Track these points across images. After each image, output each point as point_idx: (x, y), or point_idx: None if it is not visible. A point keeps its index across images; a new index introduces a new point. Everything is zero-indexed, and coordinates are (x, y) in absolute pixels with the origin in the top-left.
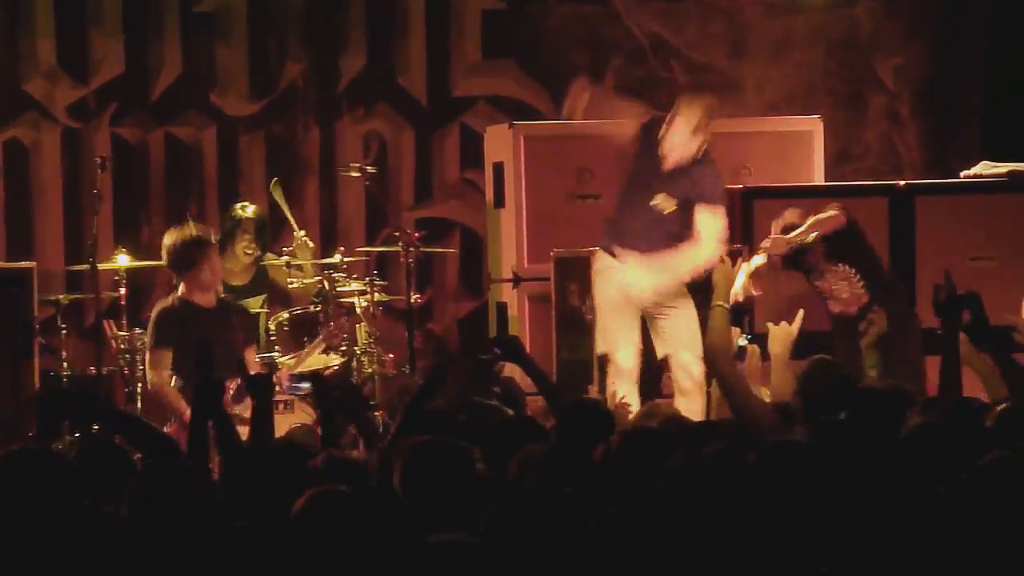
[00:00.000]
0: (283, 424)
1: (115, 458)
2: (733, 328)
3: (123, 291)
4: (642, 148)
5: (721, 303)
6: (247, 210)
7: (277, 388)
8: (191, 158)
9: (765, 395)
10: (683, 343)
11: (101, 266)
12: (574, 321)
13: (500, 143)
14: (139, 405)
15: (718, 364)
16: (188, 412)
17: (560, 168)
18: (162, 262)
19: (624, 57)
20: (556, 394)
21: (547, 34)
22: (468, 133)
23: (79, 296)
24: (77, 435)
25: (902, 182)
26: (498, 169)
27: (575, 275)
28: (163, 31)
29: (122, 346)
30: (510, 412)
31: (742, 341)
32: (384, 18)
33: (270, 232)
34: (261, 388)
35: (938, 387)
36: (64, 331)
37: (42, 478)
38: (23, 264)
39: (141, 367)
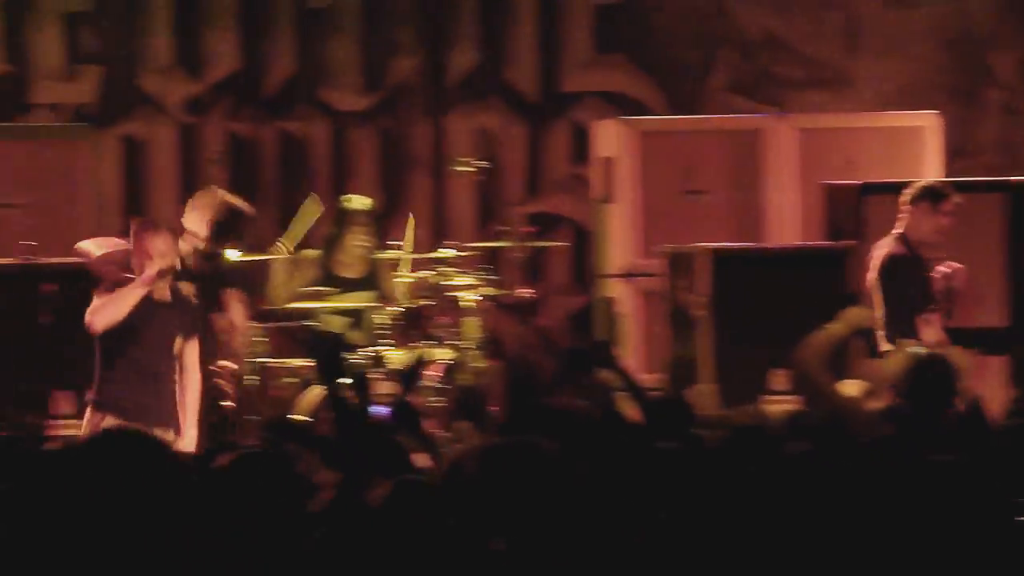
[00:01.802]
0: None
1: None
2: None
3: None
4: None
5: (839, 327)
6: (357, 202)
7: None
8: (303, 153)
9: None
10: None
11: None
12: (685, 317)
13: (610, 138)
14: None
15: (808, 369)
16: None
17: (671, 164)
18: (275, 255)
19: (735, 52)
20: (644, 398)
21: (658, 29)
22: (577, 128)
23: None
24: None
25: (1020, 178)
26: (607, 164)
27: (685, 271)
28: (277, 27)
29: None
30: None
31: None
32: (495, 13)
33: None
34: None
35: None
36: None
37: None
38: None
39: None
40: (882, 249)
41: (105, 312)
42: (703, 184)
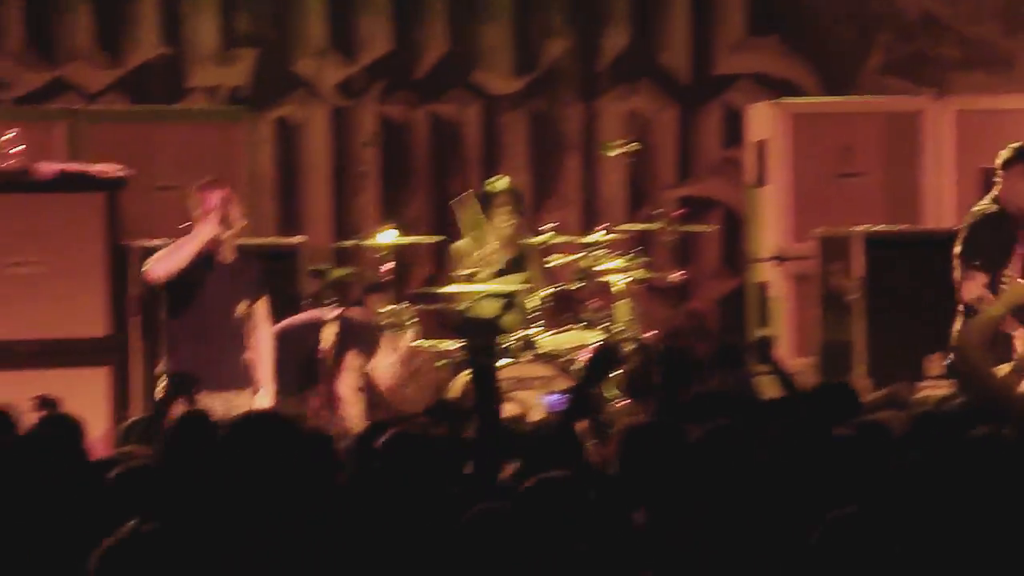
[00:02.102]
0: None
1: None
2: None
3: (388, 267)
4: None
5: (998, 308)
6: (500, 183)
7: None
8: (455, 136)
9: None
10: None
11: (367, 242)
12: (837, 301)
13: (763, 121)
14: None
15: (968, 354)
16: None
17: (825, 146)
18: (427, 238)
19: (892, 33)
20: (799, 392)
21: (813, 10)
22: (729, 111)
23: (347, 270)
24: None
25: None
26: (760, 147)
27: (839, 254)
28: (429, 9)
29: (388, 320)
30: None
31: None
32: None
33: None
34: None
35: None
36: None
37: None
38: (293, 240)
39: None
40: (974, 210)
41: (163, 261)
42: (858, 166)
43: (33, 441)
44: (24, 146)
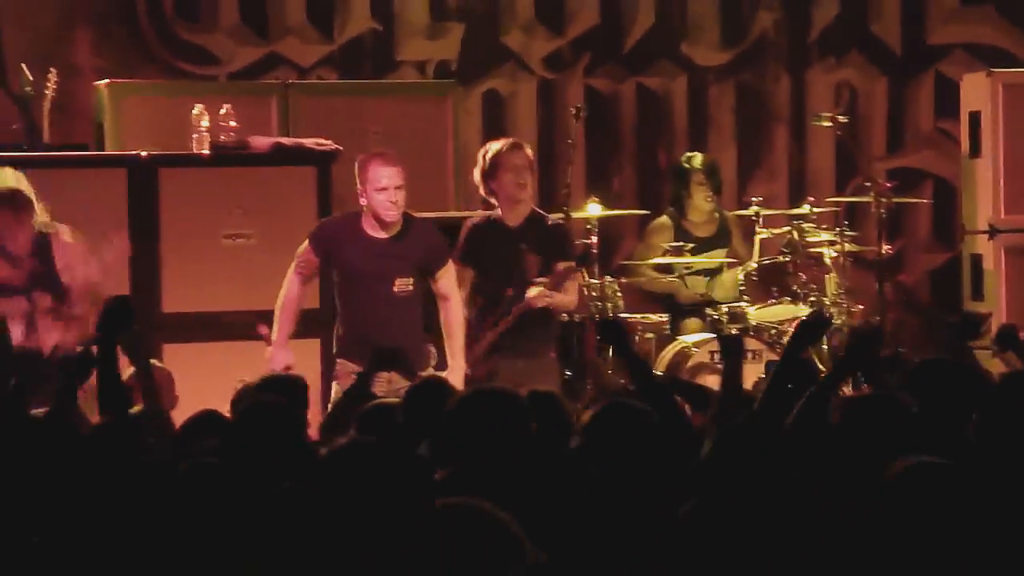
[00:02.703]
0: None
1: None
2: None
3: (595, 239)
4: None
5: None
6: (695, 160)
7: None
8: (661, 108)
9: None
10: None
11: (574, 215)
12: None
13: (977, 91)
14: None
15: None
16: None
17: None
18: (633, 211)
19: None
20: None
21: None
22: (943, 82)
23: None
24: None
25: None
26: (974, 118)
27: None
28: None
29: (593, 293)
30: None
31: None
32: None
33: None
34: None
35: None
36: None
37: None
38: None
39: (612, 314)
40: None
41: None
42: None
43: (259, 410)
44: (237, 122)
